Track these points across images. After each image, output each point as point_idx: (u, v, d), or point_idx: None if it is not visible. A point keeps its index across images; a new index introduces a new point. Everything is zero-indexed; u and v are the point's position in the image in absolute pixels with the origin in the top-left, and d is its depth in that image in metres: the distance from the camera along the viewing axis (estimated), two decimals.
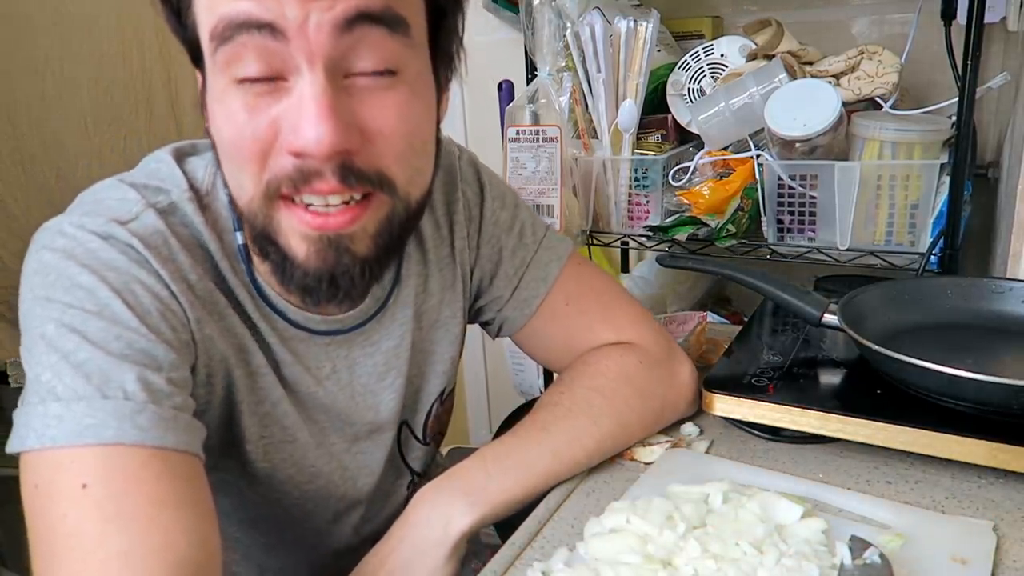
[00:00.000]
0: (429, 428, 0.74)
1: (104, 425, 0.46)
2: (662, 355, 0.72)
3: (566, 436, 0.65)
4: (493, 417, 1.88)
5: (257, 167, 0.50)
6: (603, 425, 0.66)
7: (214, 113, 0.51)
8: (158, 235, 0.53)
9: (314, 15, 0.45)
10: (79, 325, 0.49)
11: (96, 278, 0.50)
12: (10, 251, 1.33)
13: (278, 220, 0.51)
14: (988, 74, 1.11)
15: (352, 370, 0.65)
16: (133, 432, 0.47)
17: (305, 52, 0.46)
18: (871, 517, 0.59)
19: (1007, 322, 0.76)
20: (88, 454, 0.46)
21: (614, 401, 0.67)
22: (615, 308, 0.75)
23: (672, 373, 0.72)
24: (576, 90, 1.16)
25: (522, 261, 0.73)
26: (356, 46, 0.48)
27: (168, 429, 0.48)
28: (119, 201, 0.54)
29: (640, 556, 0.52)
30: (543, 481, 0.63)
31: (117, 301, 0.50)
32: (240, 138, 0.49)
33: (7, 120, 1.30)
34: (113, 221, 0.52)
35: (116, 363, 0.48)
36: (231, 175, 0.52)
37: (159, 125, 1.54)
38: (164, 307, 0.52)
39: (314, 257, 0.52)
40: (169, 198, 0.56)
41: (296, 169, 0.49)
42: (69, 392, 0.47)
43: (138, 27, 1.49)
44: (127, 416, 0.47)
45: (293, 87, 0.48)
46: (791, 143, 1.00)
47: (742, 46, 1.16)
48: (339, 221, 0.51)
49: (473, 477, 0.61)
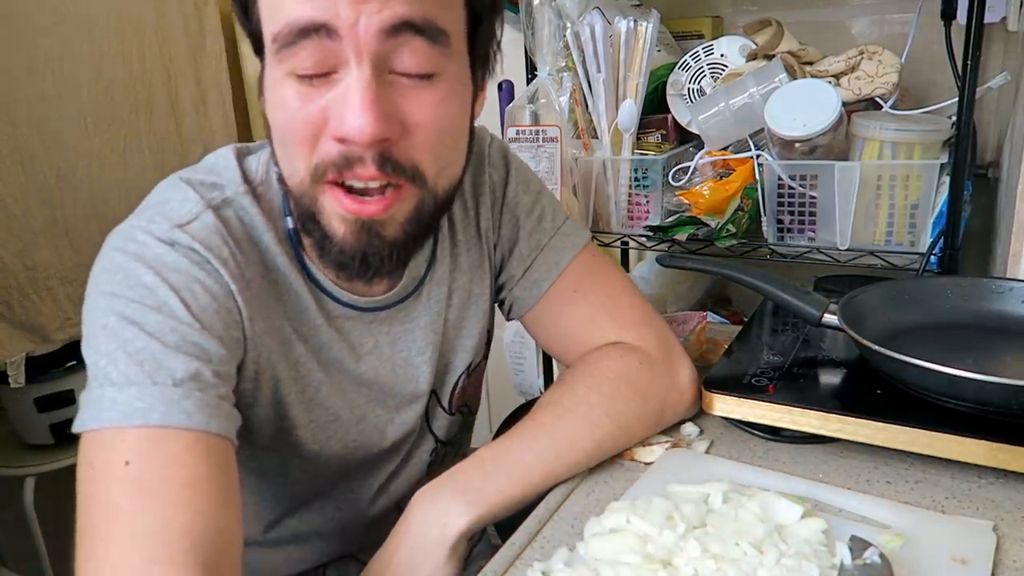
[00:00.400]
0: (455, 398, 0.78)
1: (152, 409, 0.51)
2: (663, 356, 0.72)
3: (565, 437, 0.65)
4: (493, 417, 1.88)
5: (307, 150, 0.55)
6: (603, 426, 0.66)
7: (271, 99, 0.56)
8: (217, 236, 0.59)
9: (363, 17, 0.51)
10: (138, 318, 0.54)
11: (159, 279, 0.55)
12: (10, 251, 1.32)
13: (322, 202, 0.57)
14: (988, 74, 1.11)
15: (394, 345, 0.70)
16: (179, 416, 0.51)
17: (354, 48, 0.51)
18: (871, 517, 0.59)
19: (1007, 322, 0.76)
20: (134, 435, 0.51)
21: (614, 402, 0.67)
22: (621, 304, 0.75)
23: (673, 374, 0.72)
24: (576, 90, 1.16)
25: (537, 243, 0.76)
26: (399, 48, 0.53)
27: (211, 416, 0.53)
28: (180, 203, 0.59)
29: (640, 556, 0.52)
30: (541, 482, 0.63)
31: (175, 299, 0.55)
32: (292, 122, 0.54)
33: (7, 120, 1.30)
34: (176, 227, 0.57)
35: (169, 353, 0.53)
36: (284, 158, 0.57)
37: (159, 125, 1.54)
38: (220, 306, 0.57)
39: (350, 237, 0.57)
40: (224, 193, 0.61)
41: (340, 155, 0.54)
42: (123, 378, 0.52)
43: (138, 27, 1.49)
44: (174, 402, 0.51)
45: (342, 79, 0.53)
46: (791, 143, 1.00)
47: (742, 46, 1.16)
48: (373, 209, 0.56)
49: (471, 478, 0.61)
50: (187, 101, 1.59)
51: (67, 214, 1.38)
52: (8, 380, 1.35)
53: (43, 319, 1.36)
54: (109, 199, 1.43)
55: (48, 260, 1.36)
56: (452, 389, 0.77)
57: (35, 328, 1.36)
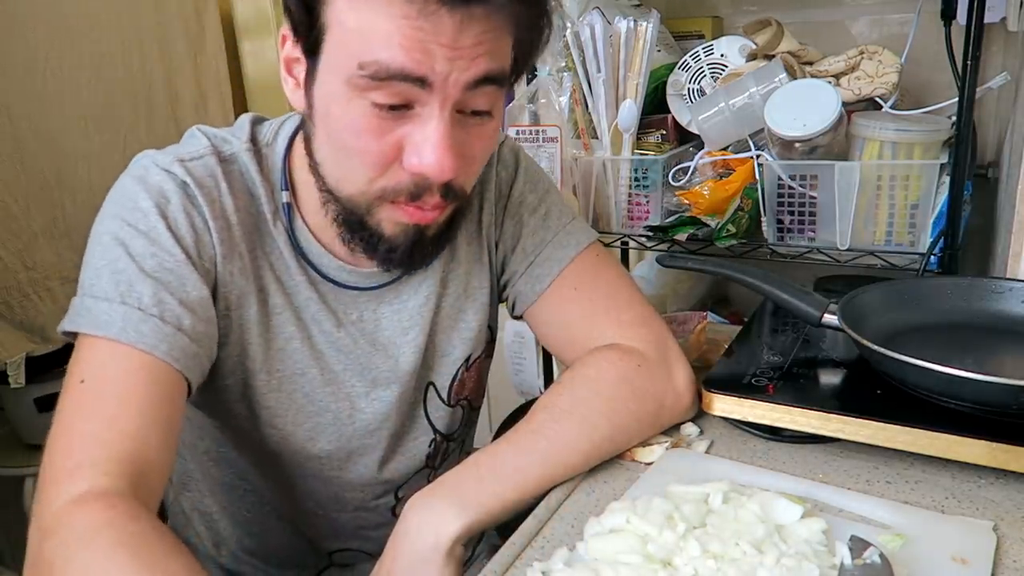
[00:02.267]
0: (454, 391, 0.79)
1: (112, 323, 0.57)
2: (661, 359, 0.71)
3: (562, 440, 0.65)
4: (493, 417, 1.88)
5: (375, 173, 0.60)
6: (600, 429, 0.66)
7: (334, 114, 0.59)
8: (210, 177, 0.64)
9: (454, 73, 0.55)
10: (127, 240, 0.60)
11: (152, 203, 0.61)
12: (10, 251, 1.32)
13: (377, 211, 0.62)
14: (988, 74, 1.11)
15: (378, 322, 0.73)
16: (133, 335, 0.57)
17: (440, 98, 0.56)
18: (871, 517, 0.59)
19: (1007, 322, 0.76)
20: (95, 346, 0.57)
21: (612, 404, 0.67)
22: (621, 305, 0.75)
23: (671, 377, 0.71)
24: (576, 90, 1.16)
25: (541, 240, 0.77)
26: (475, 96, 0.58)
27: (163, 341, 0.58)
28: (192, 145, 0.66)
29: (640, 556, 0.52)
30: (537, 486, 0.63)
31: (162, 225, 0.61)
32: (367, 151, 0.59)
33: (7, 120, 1.30)
34: (177, 160, 0.64)
35: (142, 278, 0.59)
36: (338, 167, 0.62)
37: (159, 125, 1.54)
38: (197, 237, 0.63)
39: (400, 237, 0.64)
40: (232, 148, 0.67)
41: (413, 184, 0.60)
42: (101, 292, 0.59)
43: (138, 27, 1.49)
44: (133, 322, 0.58)
45: (419, 115, 0.57)
46: (791, 143, 1.00)
47: (742, 46, 1.16)
48: (432, 216, 0.63)
49: (465, 483, 0.61)
50: (187, 101, 1.59)
51: (67, 214, 1.38)
52: (8, 380, 1.35)
53: (43, 319, 1.36)
54: None
55: (48, 260, 1.36)
56: (451, 381, 0.78)
57: (35, 328, 1.36)
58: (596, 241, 0.78)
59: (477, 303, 0.78)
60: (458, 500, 0.60)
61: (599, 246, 0.79)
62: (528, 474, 0.62)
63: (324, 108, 0.59)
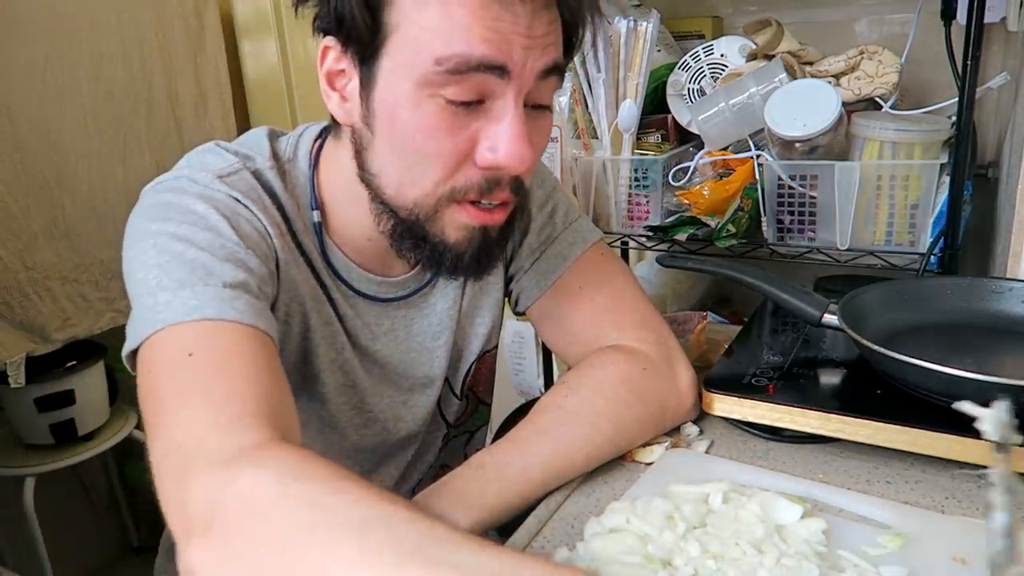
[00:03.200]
0: (465, 384, 0.81)
1: (206, 305, 0.53)
2: (664, 361, 0.72)
3: (567, 441, 0.65)
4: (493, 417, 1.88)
5: (446, 174, 0.58)
6: (604, 431, 0.66)
7: (401, 118, 0.57)
8: (253, 190, 0.63)
9: (529, 61, 0.56)
10: (189, 235, 0.57)
11: (208, 206, 0.59)
12: (10, 251, 1.32)
13: (442, 214, 0.61)
14: (988, 74, 1.11)
15: (409, 329, 0.74)
16: (232, 312, 0.54)
17: (516, 88, 0.56)
18: (871, 517, 0.59)
19: (1007, 322, 0.76)
20: (192, 329, 0.53)
21: (617, 407, 0.67)
22: (625, 306, 0.75)
23: (673, 379, 0.71)
24: (576, 90, 1.16)
25: (548, 237, 0.78)
26: (543, 86, 0.59)
27: (259, 316, 0.56)
28: (220, 161, 0.64)
29: (640, 556, 0.52)
30: (542, 487, 0.63)
31: (225, 223, 0.59)
32: (441, 149, 0.57)
33: (7, 120, 1.30)
34: (217, 177, 0.62)
35: (218, 263, 0.56)
36: (404, 172, 0.60)
37: (159, 125, 1.54)
38: (260, 238, 0.61)
39: (465, 242, 0.62)
40: (255, 164, 0.65)
41: (485, 180, 0.59)
42: (175, 283, 0.54)
43: (138, 27, 1.49)
44: (227, 300, 0.54)
45: (492, 110, 0.57)
46: (791, 143, 1.00)
47: (742, 46, 1.16)
48: (496, 218, 0.62)
49: (470, 484, 0.61)
50: (187, 101, 1.59)
51: (67, 214, 1.38)
52: (8, 380, 1.35)
53: (43, 319, 1.36)
54: (109, 199, 1.43)
55: (48, 260, 1.36)
56: (465, 376, 0.80)
57: (35, 328, 1.36)
58: (601, 240, 0.79)
59: (491, 299, 0.79)
60: (464, 501, 0.59)
61: (604, 245, 0.79)
62: (533, 476, 0.62)
63: (388, 114, 0.58)
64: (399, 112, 0.57)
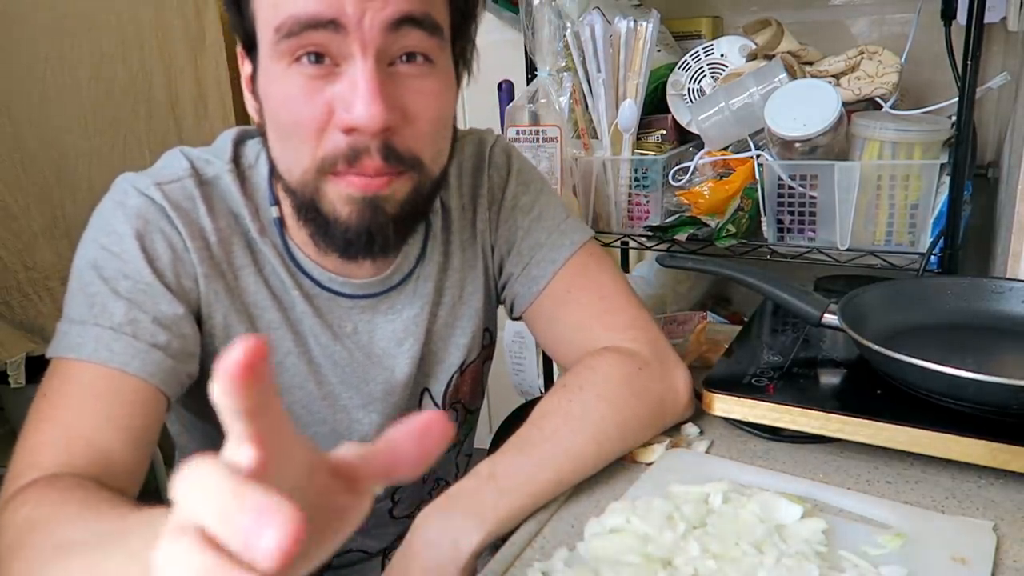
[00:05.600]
0: (449, 396, 0.80)
1: (83, 345, 0.58)
2: (658, 360, 0.72)
3: (575, 447, 0.64)
4: (493, 417, 1.88)
5: (313, 144, 0.58)
6: (609, 433, 0.66)
7: (270, 95, 0.59)
8: (188, 200, 0.64)
9: (368, 13, 0.54)
10: (101, 263, 0.61)
11: (129, 226, 0.62)
12: (10, 251, 1.32)
13: (325, 190, 0.60)
14: (988, 74, 1.11)
15: (372, 333, 0.73)
16: (104, 353, 0.58)
17: (359, 43, 0.54)
18: (871, 517, 0.59)
19: (1007, 322, 0.76)
20: (68, 367, 0.58)
21: (619, 407, 0.67)
22: (615, 307, 0.75)
23: (669, 378, 0.71)
24: (576, 90, 1.16)
25: (535, 242, 0.77)
26: (400, 41, 0.56)
27: (135, 357, 0.58)
28: (171, 168, 0.66)
29: (640, 556, 0.52)
30: (552, 493, 0.63)
31: (135, 246, 0.61)
32: (299, 116, 0.57)
33: (7, 120, 1.30)
34: (155, 184, 0.63)
35: (115, 299, 0.60)
36: (285, 152, 0.60)
37: (159, 125, 1.54)
38: (176, 257, 0.63)
39: (355, 216, 0.60)
40: (214, 170, 0.67)
41: (349, 147, 0.57)
42: (75, 316, 0.60)
43: (138, 27, 1.49)
44: (105, 342, 0.58)
45: (344, 72, 0.56)
46: (791, 143, 1.00)
47: (742, 46, 1.16)
48: (378, 183, 0.59)
49: (482, 495, 0.60)
50: (187, 101, 1.59)
51: (67, 214, 1.38)
52: (8, 380, 1.35)
53: (43, 319, 1.36)
54: None
55: (48, 260, 1.36)
56: (446, 387, 0.79)
57: (35, 328, 1.36)
58: (591, 239, 0.78)
59: (472, 308, 0.78)
60: (477, 514, 0.58)
61: (594, 245, 0.79)
62: (543, 483, 0.62)
63: (266, 97, 0.59)
64: (270, 91, 0.58)
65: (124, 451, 0.57)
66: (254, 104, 0.62)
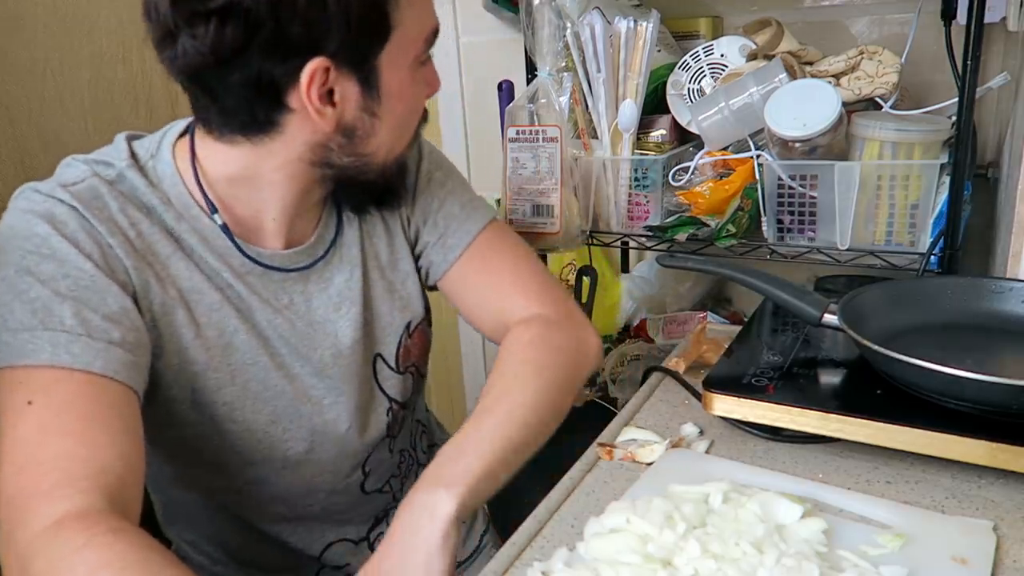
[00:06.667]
0: (401, 358, 0.84)
1: (40, 350, 0.57)
2: (566, 318, 0.80)
3: (514, 407, 0.68)
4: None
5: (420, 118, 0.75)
6: (536, 388, 0.70)
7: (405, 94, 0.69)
8: (97, 199, 0.64)
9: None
10: (33, 267, 0.59)
11: (51, 227, 0.61)
12: None
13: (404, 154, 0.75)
14: (988, 74, 1.11)
15: (309, 303, 0.76)
16: (65, 357, 0.57)
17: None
18: (871, 517, 0.59)
19: (1007, 322, 0.76)
20: (31, 375, 0.57)
21: (544, 366, 0.72)
22: (525, 275, 0.83)
23: (575, 328, 0.79)
24: (576, 90, 1.16)
25: (449, 213, 0.84)
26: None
27: (97, 357, 0.58)
28: (71, 171, 0.66)
29: (640, 556, 0.52)
30: (511, 452, 0.65)
31: (65, 243, 0.61)
32: (423, 100, 0.74)
33: (7, 120, 1.30)
34: (60, 186, 0.63)
35: (59, 301, 0.59)
36: (402, 134, 0.73)
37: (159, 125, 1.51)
38: (103, 251, 0.63)
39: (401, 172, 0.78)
40: (116, 169, 0.68)
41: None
42: (18, 324, 0.58)
43: (138, 27, 1.48)
44: (62, 344, 0.57)
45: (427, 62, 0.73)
46: (791, 143, 1.00)
47: (742, 46, 1.16)
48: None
49: (447, 470, 0.62)
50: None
51: None
52: None
53: None
54: None
55: None
56: (397, 349, 0.83)
57: None
58: (496, 217, 0.86)
59: (404, 272, 0.83)
60: (448, 484, 0.60)
61: (501, 222, 0.87)
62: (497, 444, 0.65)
63: (392, 100, 0.68)
64: (404, 92, 0.69)
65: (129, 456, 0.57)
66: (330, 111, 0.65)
